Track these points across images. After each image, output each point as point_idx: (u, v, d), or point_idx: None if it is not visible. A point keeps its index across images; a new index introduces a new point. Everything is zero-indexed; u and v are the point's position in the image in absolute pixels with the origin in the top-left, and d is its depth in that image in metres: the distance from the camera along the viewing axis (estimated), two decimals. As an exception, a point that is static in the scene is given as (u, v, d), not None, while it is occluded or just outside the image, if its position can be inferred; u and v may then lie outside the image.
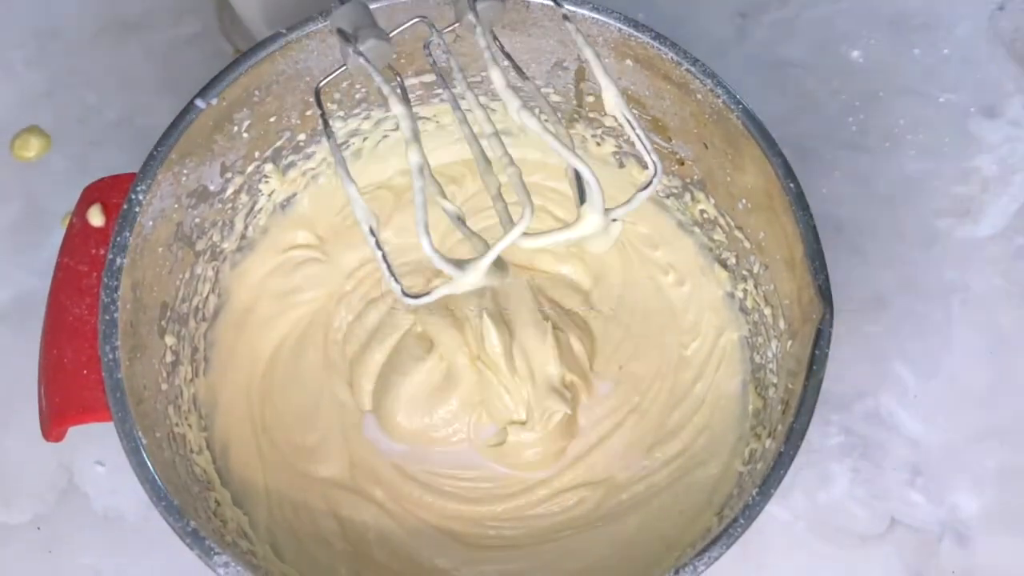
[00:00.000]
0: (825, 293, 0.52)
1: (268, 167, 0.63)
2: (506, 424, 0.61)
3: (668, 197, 0.66)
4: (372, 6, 0.54)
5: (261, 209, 0.65)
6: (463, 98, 0.50)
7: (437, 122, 0.67)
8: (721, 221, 0.62)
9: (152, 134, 0.56)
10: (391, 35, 0.51)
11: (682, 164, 0.63)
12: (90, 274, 0.56)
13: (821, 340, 0.52)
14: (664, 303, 0.65)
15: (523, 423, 0.61)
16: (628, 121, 0.47)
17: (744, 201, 0.59)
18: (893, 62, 0.76)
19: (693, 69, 0.57)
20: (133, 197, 0.54)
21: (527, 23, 0.59)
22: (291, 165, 0.65)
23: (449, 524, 0.61)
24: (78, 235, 0.58)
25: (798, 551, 0.63)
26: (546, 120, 0.51)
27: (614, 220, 0.47)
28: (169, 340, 0.59)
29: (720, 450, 0.61)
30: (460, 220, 0.45)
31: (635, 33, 0.57)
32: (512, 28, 0.59)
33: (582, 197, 0.47)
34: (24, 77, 0.76)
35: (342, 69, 0.52)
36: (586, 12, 0.57)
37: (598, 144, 0.66)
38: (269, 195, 0.65)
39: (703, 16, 0.77)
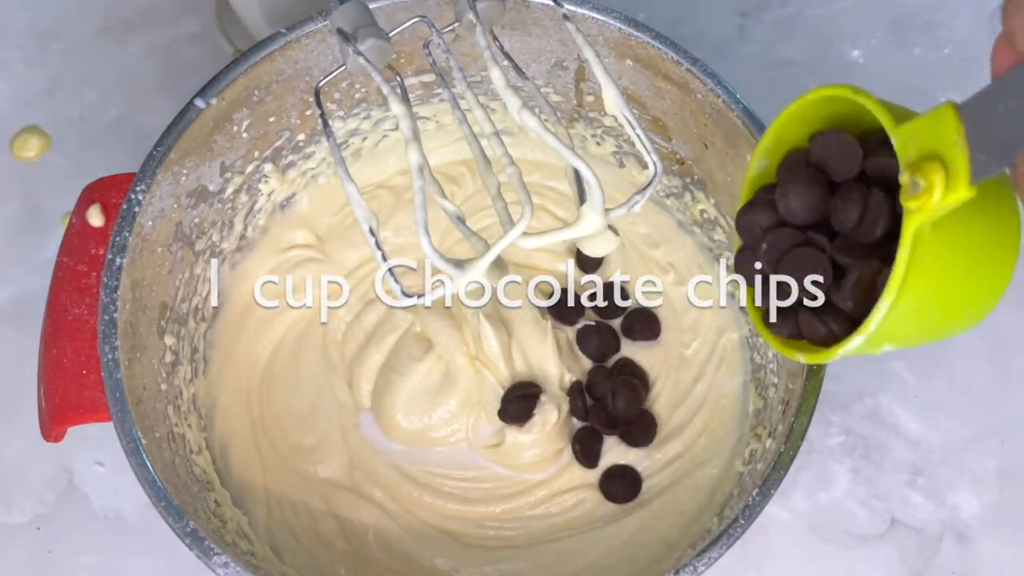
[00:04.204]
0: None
1: (268, 167, 0.63)
2: (504, 424, 0.61)
3: (668, 197, 0.66)
4: (372, 6, 0.54)
5: (260, 209, 0.65)
6: (463, 98, 0.50)
7: (437, 122, 0.67)
8: (721, 221, 0.62)
9: (152, 134, 0.56)
10: (391, 35, 0.51)
11: (682, 164, 0.63)
12: (90, 274, 0.56)
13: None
14: (664, 303, 0.65)
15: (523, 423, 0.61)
16: (628, 121, 0.47)
17: (744, 201, 0.59)
18: (894, 62, 0.76)
19: (693, 69, 0.57)
20: (132, 197, 0.54)
21: (527, 23, 0.59)
22: (291, 165, 0.65)
23: (448, 524, 0.61)
24: (77, 235, 0.58)
25: (798, 551, 0.63)
26: (546, 120, 0.51)
27: (614, 233, 0.47)
28: (168, 340, 0.59)
29: (720, 450, 0.61)
30: (460, 220, 0.45)
31: (635, 33, 0.57)
32: (512, 28, 0.59)
33: (582, 197, 0.47)
34: (24, 77, 0.76)
35: (342, 69, 0.52)
36: (586, 12, 0.57)
37: (598, 144, 0.66)
38: (268, 195, 0.65)
39: (703, 16, 0.77)
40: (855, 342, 0.39)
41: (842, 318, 0.41)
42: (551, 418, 0.60)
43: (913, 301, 0.37)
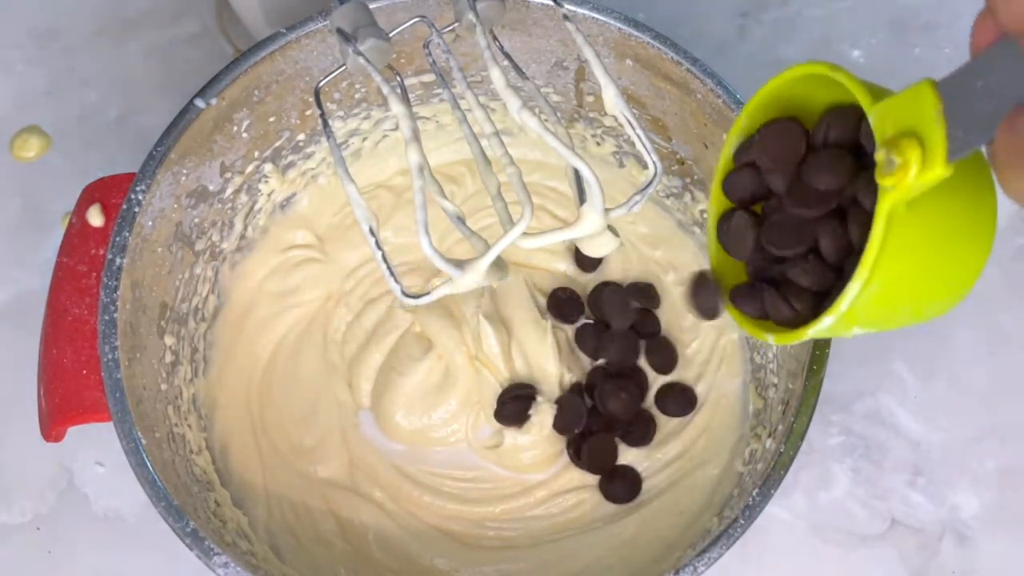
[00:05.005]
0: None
1: (268, 167, 0.63)
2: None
3: (668, 197, 0.66)
4: (372, 6, 0.54)
5: (260, 209, 0.65)
6: (463, 98, 0.50)
7: (437, 122, 0.67)
8: (721, 221, 0.62)
9: (152, 134, 0.56)
10: (391, 35, 0.51)
11: (682, 164, 0.63)
12: (89, 274, 0.56)
13: (821, 340, 0.52)
14: (664, 303, 0.65)
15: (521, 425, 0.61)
16: (628, 121, 0.47)
17: (744, 201, 0.59)
18: (894, 62, 0.76)
19: (693, 69, 0.57)
20: (133, 197, 0.54)
21: (527, 23, 0.59)
22: (291, 165, 0.65)
23: (448, 524, 0.61)
24: (77, 235, 0.58)
25: (798, 551, 0.63)
26: (546, 120, 0.51)
27: (614, 234, 0.47)
28: (168, 340, 0.59)
29: (720, 450, 0.61)
30: (460, 220, 0.45)
31: (635, 33, 0.57)
32: (512, 28, 0.59)
33: (582, 197, 0.47)
34: (24, 77, 0.76)
35: (342, 69, 0.52)
36: (586, 12, 0.57)
37: (598, 144, 0.66)
38: (268, 195, 0.65)
39: (703, 16, 0.77)
40: (825, 322, 0.38)
41: (807, 298, 0.41)
42: (549, 420, 0.60)
43: (886, 282, 0.37)
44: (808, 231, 0.41)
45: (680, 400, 0.62)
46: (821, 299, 0.41)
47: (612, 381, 0.61)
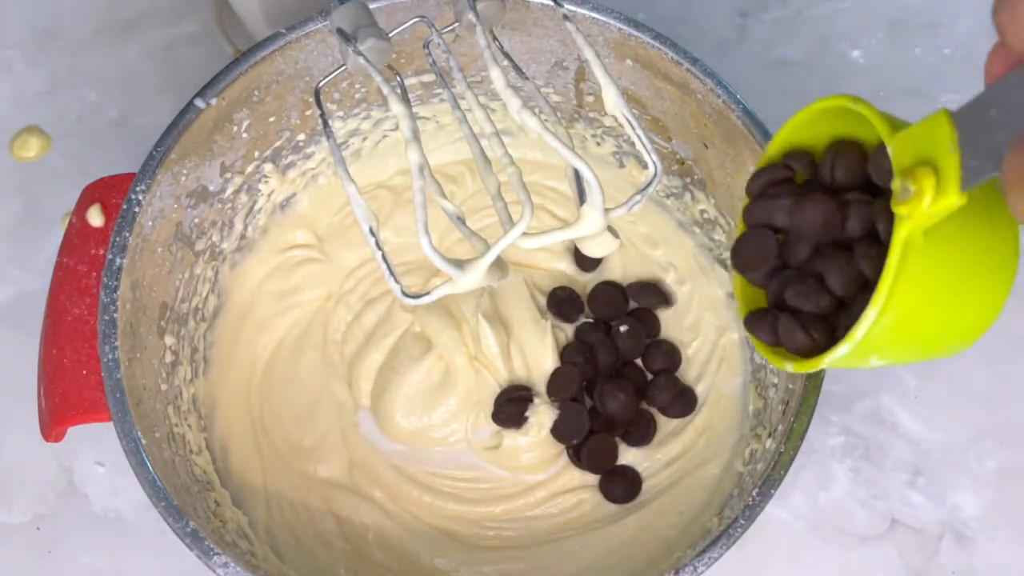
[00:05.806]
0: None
1: (268, 167, 0.63)
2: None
3: (668, 197, 0.66)
4: (372, 6, 0.54)
5: (260, 209, 0.65)
6: (463, 98, 0.50)
7: (437, 122, 0.67)
8: (721, 221, 0.62)
9: (152, 134, 0.56)
10: (391, 35, 0.51)
11: (682, 164, 0.63)
12: (89, 274, 0.56)
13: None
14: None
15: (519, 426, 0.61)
16: (628, 121, 0.47)
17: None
18: (894, 62, 0.76)
19: (693, 69, 0.57)
20: (133, 197, 0.54)
21: (527, 23, 0.59)
22: (291, 165, 0.65)
23: (448, 524, 0.61)
24: (78, 235, 0.58)
25: (798, 551, 0.63)
26: (546, 120, 0.51)
27: (614, 235, 0.47)
28: (168, 340, 0.59)
29: (720, 450, 0.61)
30: (460, 220, 0.45)
31: (635, 33, 0.57)
32: (512, 28, 0.59)
33: (582, 197, 0.47)
34: (23, 77, 0.76)
35: (342, 69, 0.52)
36: (586, 12, 0.57)
37: (598, 144, 0.66)
38: (268, 195, 0.65)
39: (703, 16, 0.77)
40: (841, 350, 0.39)
41: (823, 327, 0.41)
42: (548, 421, 0.60)
43: (902, 310, 0.37)
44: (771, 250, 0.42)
45: (680, 400, 0.62)
46: (836, 329, 0.41)
47: (612, 381, 0.61)
